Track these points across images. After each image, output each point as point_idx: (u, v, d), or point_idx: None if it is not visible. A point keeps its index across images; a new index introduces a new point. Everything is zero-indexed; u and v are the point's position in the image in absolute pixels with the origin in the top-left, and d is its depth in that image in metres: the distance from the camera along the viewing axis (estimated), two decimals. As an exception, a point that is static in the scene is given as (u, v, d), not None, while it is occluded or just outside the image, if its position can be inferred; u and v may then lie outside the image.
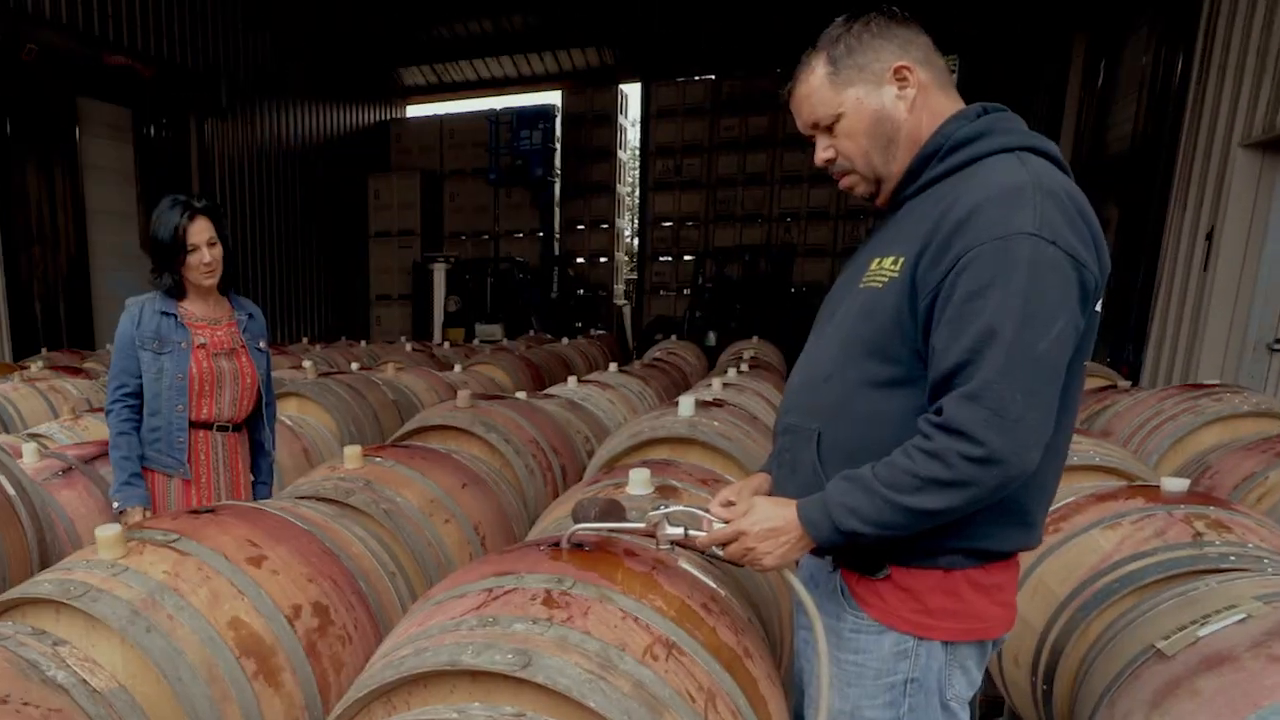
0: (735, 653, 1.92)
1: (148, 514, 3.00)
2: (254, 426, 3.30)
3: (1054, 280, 1.40)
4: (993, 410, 1.39)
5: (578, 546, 2.03)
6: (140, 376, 3.02)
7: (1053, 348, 1.40)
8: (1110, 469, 3.53)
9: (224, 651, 2.08)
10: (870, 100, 1.60)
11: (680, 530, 1.76)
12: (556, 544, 2.04)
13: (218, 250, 3.03)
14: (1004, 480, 1.42)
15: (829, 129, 1.66)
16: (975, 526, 1.56)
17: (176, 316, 3.04)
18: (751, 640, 2.07)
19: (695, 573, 2.18)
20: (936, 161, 1.59)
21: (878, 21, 1.60)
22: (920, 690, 1.67)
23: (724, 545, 1.67)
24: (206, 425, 3.11)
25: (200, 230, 2.96)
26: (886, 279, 1.58)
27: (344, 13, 17.06)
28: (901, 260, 1.56)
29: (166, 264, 3.00)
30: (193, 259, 2.98)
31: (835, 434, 1.67)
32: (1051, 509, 3.07)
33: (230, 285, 3.19)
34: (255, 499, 3.31)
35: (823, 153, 1.69)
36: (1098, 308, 1.52)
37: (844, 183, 1.72)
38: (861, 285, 1.66)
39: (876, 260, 1.64)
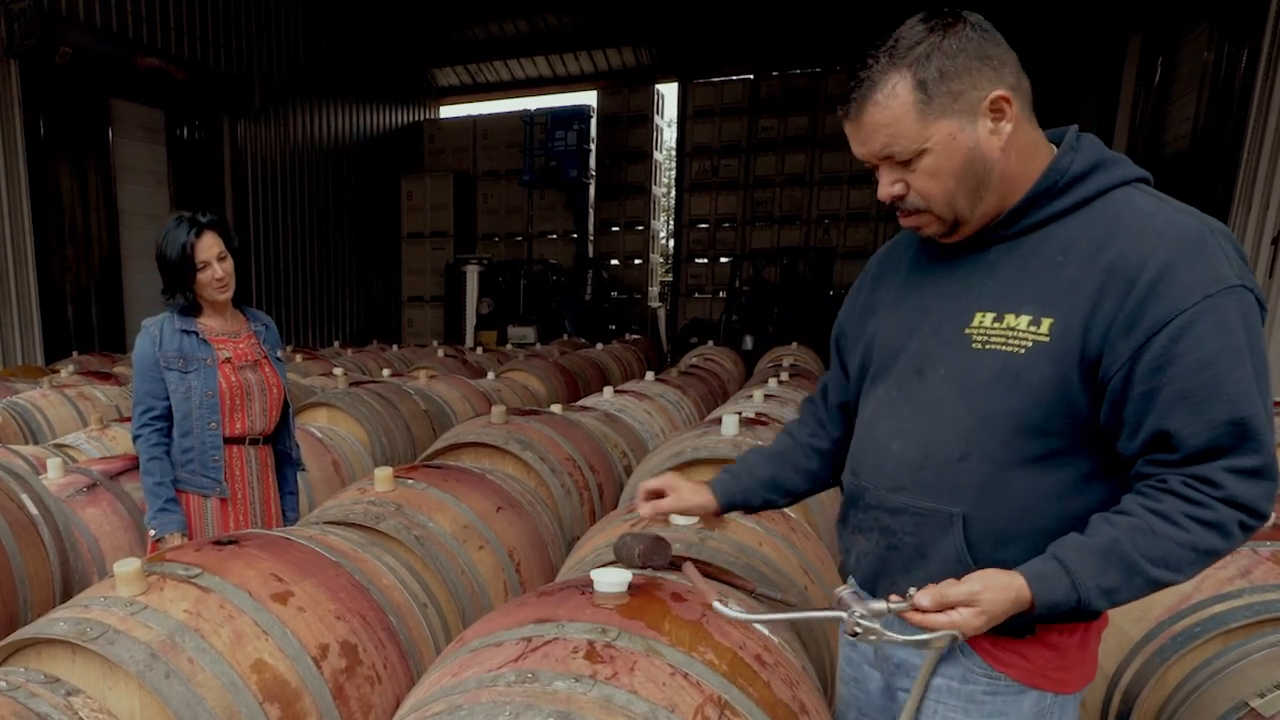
0: (790, 709, 1.82)
1: (185, 539, 2.91)
2: (278, 437, 3.23)
3: (1259, 329, 1.31)
4: (1273, 483, 1.30)
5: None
6: (167, 398, 2.93)
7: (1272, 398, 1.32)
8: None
9: (247, 697, 1.98)
10: (964, 137, 1.37)
11: (883, 605, 1.42)
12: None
13: (229, 264, 2.95)
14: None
15: (905, 162, 1.42)
16: None
17: (198, 333, 2.96)
18: (807, 693, 1.94)
19: (746, 618, 2.04)
20: (1047, 200, 1.42)
21: (968, 35, 1.36)
22: None
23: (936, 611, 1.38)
24: (239, 440, 3.04)
25: (209, 246, 2.88)
26: (1029, 343, 1.39)
27: (377, 13, 17.08)
28: (1048, 323, 1.38)
29: (178, 283, 2.91)
30: (204, 276, 2.90)
31: (985, 517, 1.48)
32: (1122, 541, 2.90)
33: (243, 297, 3.13)
34: (284, 510, 3.26)
35: (890, 188, 1.46)
36: None
37: (911, 220, 1.50)
38: (979, 346, 1.45)
39: (991, 316, 1.45)
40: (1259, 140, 7.10)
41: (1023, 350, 1.40)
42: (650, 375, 7.36)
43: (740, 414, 3.98)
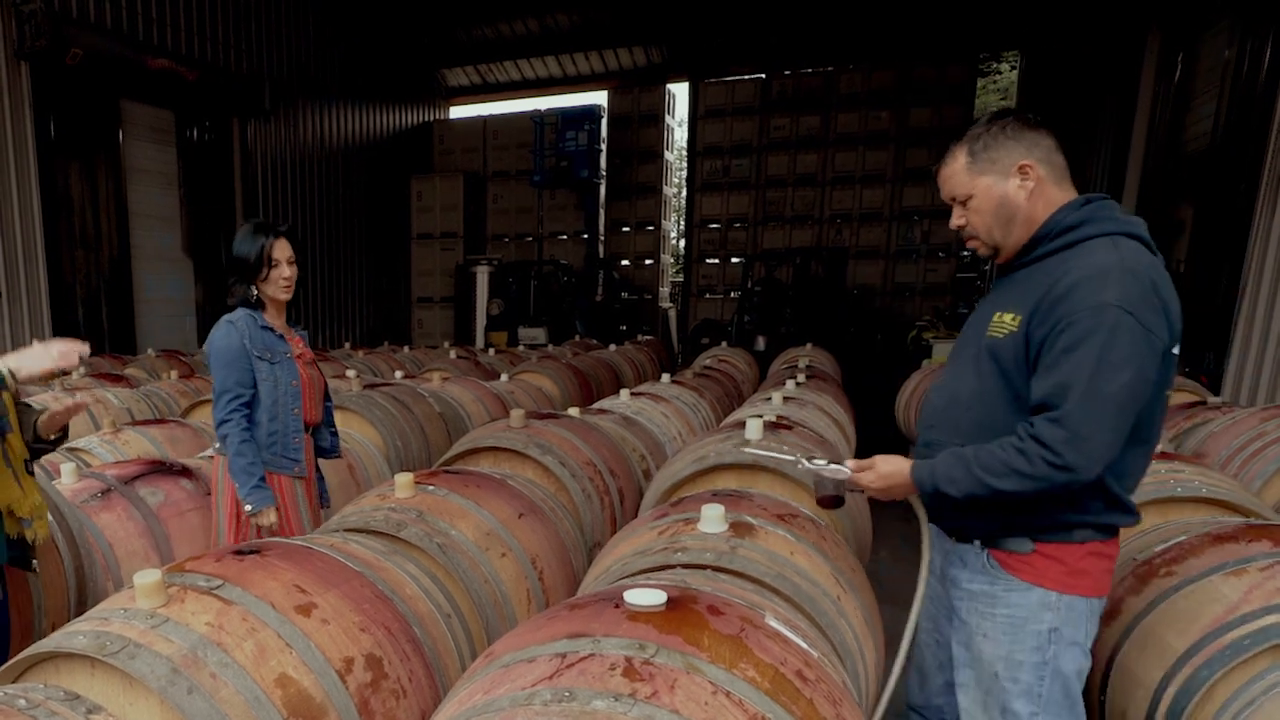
0: (834, 727, 1.73)
1: (276, 514, 3.21)
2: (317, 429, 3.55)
3: (1125, 341, 1.88)
4: (1070, 432, 1.89)
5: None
6: (254, 386, 3.19)
7: (1120, 391, 1.88)
8: (1220, 501, 3.26)
9: (271, 713, 1.92)
10: (997, 188, 2.11)
11: (824, 461, 2.33)
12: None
13: (294, 270, 3.26)
14: (1069, 483, 1.93)
15: (964, 203, 2.18)
16: (1095, 513, 2.06)
17: (273, 329, 3.26)
18: (849, 711, 1.89)
19: (785, 630, 1.98)
20: (1047, 241, 2.09)
21: (1013, 125, 2.10)
22: (1061, 639, 2.11)
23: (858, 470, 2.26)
24: (306, 427, 3.37)
25: (283, 248, 3.21)
26: (1007, 331, 2.09)
27: (387, 14, 17.04)
28: (1018, 319, 2.06)
29: (249, 278, 3.20)
30: (274, 273, 3.21)
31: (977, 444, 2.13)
32: (1162, 548, 2.83)
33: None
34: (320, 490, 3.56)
35: (956, 220, 2.22)
36: (1175, 350, 1.99)
37: (969, 243, 2.26)
38: (989, 334, 2.15)
39: (998, 314, 2.13)
40: (1283, 138, 6.97)
41: (1004, 335, 2.10)
42: (666, 377, 7.27)
43: (763, 418, 3.90)
